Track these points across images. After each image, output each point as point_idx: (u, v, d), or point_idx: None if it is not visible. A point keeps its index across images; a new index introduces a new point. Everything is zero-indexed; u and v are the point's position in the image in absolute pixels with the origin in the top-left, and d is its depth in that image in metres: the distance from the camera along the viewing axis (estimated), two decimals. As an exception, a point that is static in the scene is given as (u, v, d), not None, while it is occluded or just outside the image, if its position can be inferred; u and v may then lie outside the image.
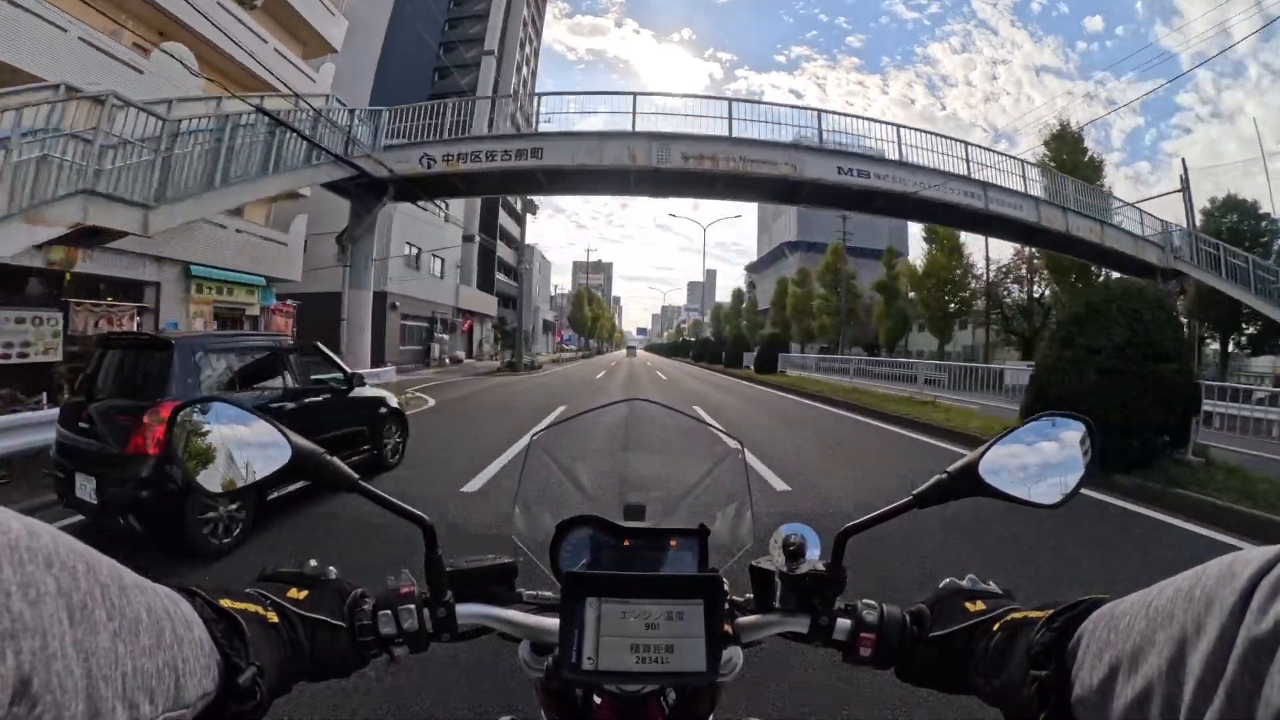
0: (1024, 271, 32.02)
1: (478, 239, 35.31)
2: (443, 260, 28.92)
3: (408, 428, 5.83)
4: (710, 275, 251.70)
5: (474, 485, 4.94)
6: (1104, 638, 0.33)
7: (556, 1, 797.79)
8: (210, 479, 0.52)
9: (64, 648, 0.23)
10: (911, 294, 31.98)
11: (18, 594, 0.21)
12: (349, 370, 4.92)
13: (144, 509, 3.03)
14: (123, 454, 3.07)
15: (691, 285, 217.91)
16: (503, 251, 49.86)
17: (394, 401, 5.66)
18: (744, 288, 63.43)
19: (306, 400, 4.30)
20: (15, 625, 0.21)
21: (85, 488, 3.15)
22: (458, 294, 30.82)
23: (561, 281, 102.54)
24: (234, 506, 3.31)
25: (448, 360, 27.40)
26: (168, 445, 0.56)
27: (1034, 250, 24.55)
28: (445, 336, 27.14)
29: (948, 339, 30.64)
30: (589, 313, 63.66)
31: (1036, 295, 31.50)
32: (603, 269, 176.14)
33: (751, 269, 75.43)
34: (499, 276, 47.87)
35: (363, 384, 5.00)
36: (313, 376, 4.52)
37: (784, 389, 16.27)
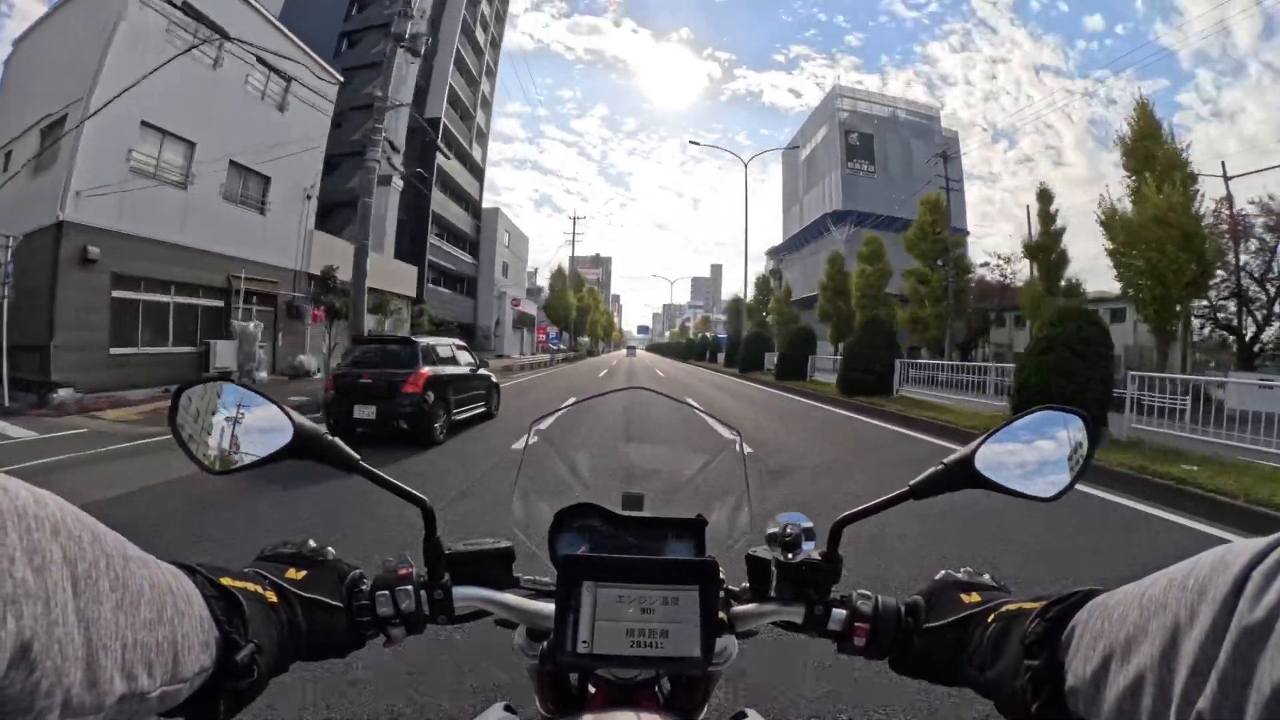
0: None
1: (397, 177, 22.07)
2: (267, 179, 15.51)
3: (500, 392, 9.60)
4: (716, 270, 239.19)
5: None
6: (1097, 627, 0.33)
7: (553, 1, 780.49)
8: (210, 457, 0.52)
9: (66, 615, 0.23)
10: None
11: (22, 559, 0.22)
12: (477, 358, 8.90)
13: (411, 419, 6.40)
14: (400, 393, 6.39)
15: (696, 281, 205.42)
16: (454, 216, 36.22)
17: (494, 377, 9.24)
18: (768, 275, 50.25)
19: (462, 373, 7.83)
20: (18, 590, 0.21)
21: (364, 411, 6.46)
22: (306, 248, 16.88)
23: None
24: (442, 420, 6.81)
25: (263, 374, 14.03)
26: (174, 416, 0.52)
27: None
28: (252, 327, 13.68)
29: (1173, 335, 17.46)
30: (573, 301, 49.11)
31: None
32: (601, 264, 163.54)
33: (775, 253, 61.32)
34: (440, 244, 34.27)
35: (485, 365, 9.14)
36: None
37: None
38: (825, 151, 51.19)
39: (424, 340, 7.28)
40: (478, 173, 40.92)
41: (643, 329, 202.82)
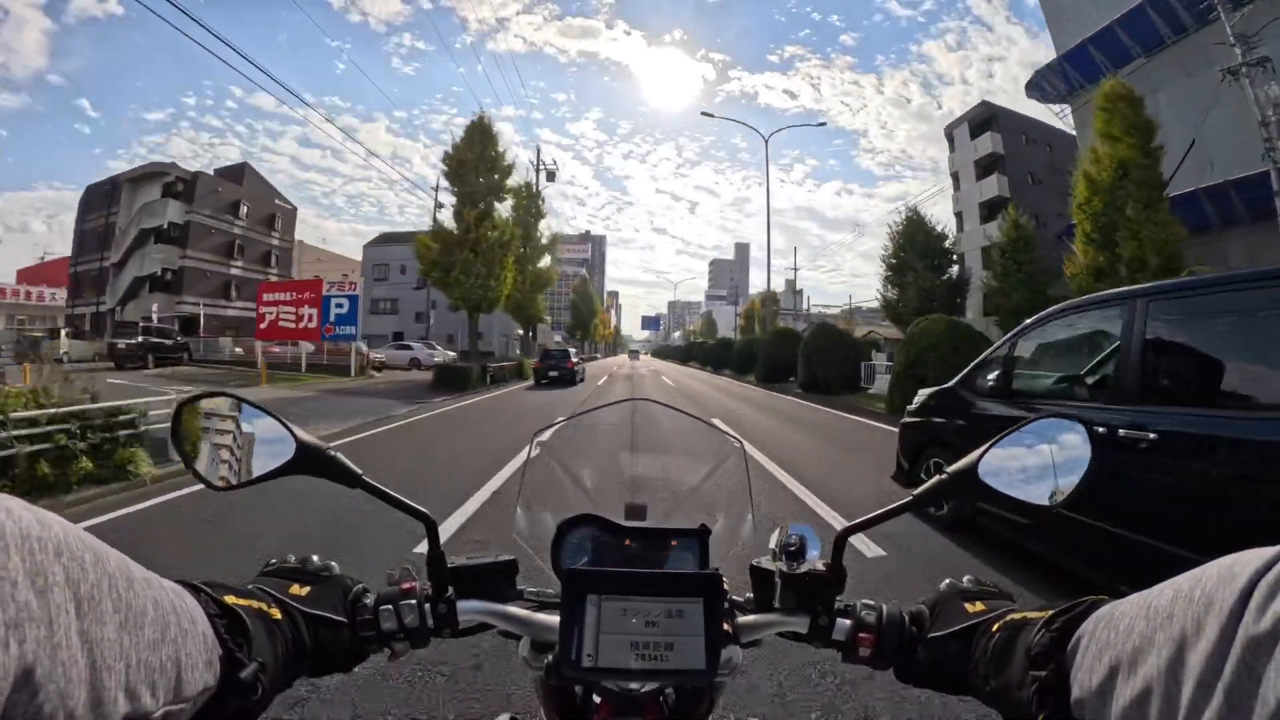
0: None
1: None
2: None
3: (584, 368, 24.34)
4: (742, 249, 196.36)
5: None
6: (1103, 638, 0.33)
7: (546, 4, 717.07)
8: (212, 471, 0.53)
9: (69, 637, 0.23)
10: None
11: (25, 582, 0.22)
12: (575, 350, 26.71)
13: (571, 375, 19.59)
14: (565, 367, 19.65)
15: (717, 265, 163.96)
16: None
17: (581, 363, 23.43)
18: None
19: (578, 360, 22.22)
20: (20, 614, 0.21)
21: (552, 374, 19.37)
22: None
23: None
24: (577, 376, 20.26)
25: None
26: (176, 432, 0.54)
27: None
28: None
29: None
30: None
31: None
32: (590, 241, 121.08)
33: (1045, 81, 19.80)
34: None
35: (580, 354, 29.52)
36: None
37: None
38: None
39: (570, 349, 22.08)
40: None
41: (651, 322, 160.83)
